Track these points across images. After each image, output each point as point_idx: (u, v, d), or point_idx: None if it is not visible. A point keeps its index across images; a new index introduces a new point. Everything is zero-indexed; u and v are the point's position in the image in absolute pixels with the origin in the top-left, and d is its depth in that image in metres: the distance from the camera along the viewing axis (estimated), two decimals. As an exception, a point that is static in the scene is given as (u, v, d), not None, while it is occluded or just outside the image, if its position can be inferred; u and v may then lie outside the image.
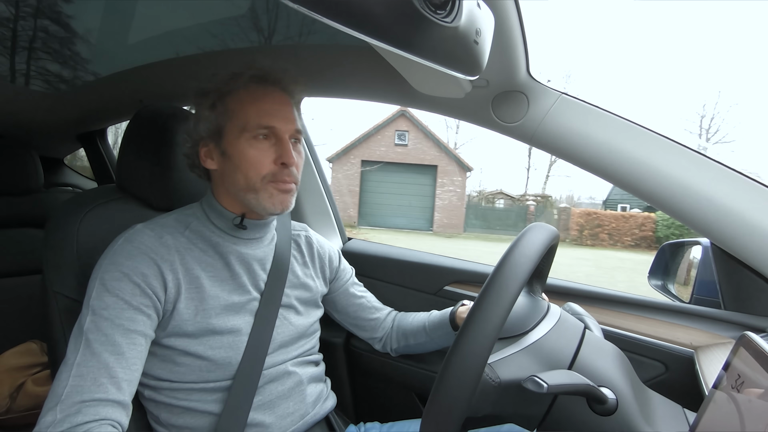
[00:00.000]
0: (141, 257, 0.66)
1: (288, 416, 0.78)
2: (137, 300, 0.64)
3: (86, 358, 0.59)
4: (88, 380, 0.58)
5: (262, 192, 0.71)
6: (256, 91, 0.72)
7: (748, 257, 0.73)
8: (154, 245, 0.68)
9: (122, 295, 0.63)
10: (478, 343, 0.48)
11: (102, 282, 0.64)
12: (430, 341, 0.96)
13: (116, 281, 0.64)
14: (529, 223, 0.74)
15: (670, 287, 1.20)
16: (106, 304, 0.62)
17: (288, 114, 0.73)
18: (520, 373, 0.58)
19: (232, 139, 0.70)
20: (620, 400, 0.56)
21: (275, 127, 0.71)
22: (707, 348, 0.87)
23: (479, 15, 0.41)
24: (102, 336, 0.60)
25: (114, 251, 0.67)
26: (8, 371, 1.24)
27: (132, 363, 0.62)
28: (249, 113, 0.70)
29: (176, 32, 1.10)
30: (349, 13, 0.30)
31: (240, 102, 0.71)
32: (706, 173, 0.74)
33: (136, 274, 0.65)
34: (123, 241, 0.68)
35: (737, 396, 0.43)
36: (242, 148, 0.70)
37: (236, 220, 0.75)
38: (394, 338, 1.00)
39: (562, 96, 0.82)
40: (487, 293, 0.51)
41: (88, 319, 0.61)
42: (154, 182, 0.82)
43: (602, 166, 0.80)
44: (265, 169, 0.70)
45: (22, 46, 1.22)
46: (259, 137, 0.70)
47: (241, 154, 0.70)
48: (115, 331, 0.61)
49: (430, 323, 0.95)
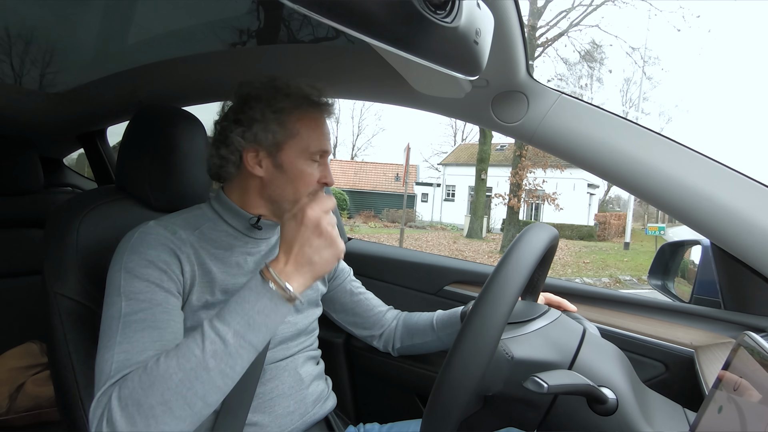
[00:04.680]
0: (161, 247, 0.67)
1: (288, 415, 0.78)
2: (166, 284, 0.65)
3: (128, 337, 0.59)
4: (134, 353, 0.58)
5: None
6: (315, 116, 0.77)
7: (748, 257, 0.73)
8: (171, 238, 0.69)
9: (152, 279, 0.64)
10: (480, 341, 0.48)
11: (128, 270, 0.64)
12: (437, 340, 0.95)
13: (143, 268, 0.64)
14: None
15: (670, 287, 1.20)
16: (139, 288, 0.63)
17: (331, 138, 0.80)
18: (532, 352, 0.60)
19: (293, 156, 0.75)
20: (620, 400, 0.56)
21: (327, 152, 0.78)
22: (707, 348, 0.87)
23: (479, 15, 0.41)
24: (142, 315, 0.61)
25: (133, 243, 0.67)
26: (8, 372, 1.24)
27: (175, 337, 0.62)
28: (312, 138, 0.76)
29: (176, 32, 1.10)
30: (349, 14, 0.30)
31: (305, 125, 0.75)
32: (706, 173, 0.74)
33: (160, 261, 0.66)
34: (140, 234, 0.68)
35: (737, 396, 0.43)
36: (301, 166, 0.75)
37: (252, 220, 0.77)
38: (397, 337, 1.00)
39: (562, 96, 0.82)
40: (489, 291, 0.51)
41: (123, 305, 0.61)
42: (153, 182, 0.82)
43: (602, 165, 0.80)
44: (311, 187, 0.76)
45: (22, 46, 1.22)
46: (314, 159, 0.76)
47: (299, 172, 0.75)
48: (155, 311, 0.62)
49: (439, 321, 0.95)
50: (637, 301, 1.00)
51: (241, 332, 0.56)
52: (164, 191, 0.83)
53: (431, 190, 22.57)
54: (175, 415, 0.53)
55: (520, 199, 11.70)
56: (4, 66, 1.29)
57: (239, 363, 0.56)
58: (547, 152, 0.88)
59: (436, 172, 23.36)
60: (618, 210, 24.50)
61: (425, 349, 0.99)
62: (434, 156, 26.19)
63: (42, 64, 1.30)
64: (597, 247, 13.32)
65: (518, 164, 11.59)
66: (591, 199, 19.78)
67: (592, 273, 8.96)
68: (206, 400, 0.55)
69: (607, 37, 32.40)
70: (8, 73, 1.33)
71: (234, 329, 0.56)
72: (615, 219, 17.38)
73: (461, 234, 14.26)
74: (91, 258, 0.76)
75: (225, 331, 0.56)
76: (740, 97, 42.40)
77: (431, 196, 22.48)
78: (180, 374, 0.54)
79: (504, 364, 0.59)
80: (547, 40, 12.63)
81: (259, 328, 0.57)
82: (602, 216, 17.73)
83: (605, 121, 0.79)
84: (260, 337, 0.57)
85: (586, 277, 8.53)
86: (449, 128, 29.29)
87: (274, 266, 0.59)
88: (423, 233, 14.53)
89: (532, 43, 11.81)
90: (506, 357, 0.59)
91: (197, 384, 0.54)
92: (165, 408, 0.52)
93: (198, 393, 0.54)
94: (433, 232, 15.08)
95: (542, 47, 12.53)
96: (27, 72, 1.33)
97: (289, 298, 0.58)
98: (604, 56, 13.62)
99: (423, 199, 22.71)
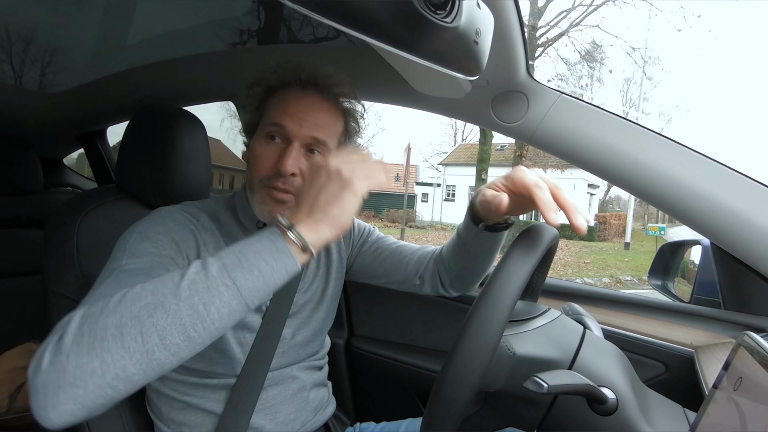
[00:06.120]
0: (183, 225, 0.65)
1: (289, 423, 0.76)
2: (174, 255, 0.61)
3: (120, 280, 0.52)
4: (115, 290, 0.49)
5: (256, 194, 0.69)
6: (292, 92, 0.69)
7: (748, 257, 0.73)
8: (193, 221, 0.67)
9: (161, 244, 0.60)
10: (481, 340, 0.48)
11: (140, 232, 0.60)
12: (469, 254, 0.79)
13: (157, 233, 0.61)
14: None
15: (670, 287, 1.20)
16: (145, 247, 0.58)
17: (313, 120, 0.68)
18: (534, 350, 0.59)
19: (255, 136, 0.70)
20: (620, 400, 0.56)
21: (285, 127, 0.66)
22: (707, 348, 0.87)
23: (479, 15, 0.41)
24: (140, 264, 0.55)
25: (152, 217, 0.64)
26: (8, 372, 1.24)
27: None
28: (270, 111, 0.69)
29: (176, 32, 1.10)
30: (349, 14, 0.30)
31: (271, 101, 0.70)
32: (706, 173, 0.74)
33: (175, 234, 0.63)
34: (159, 211, 0.66)
35: (737, 396, 0.43)
36: (254, 144, 0.69)
37: (260, 223, 0.74)
38: (443, 274, 0.85)
39: (562, 96, 0.82)
40: (490, 290, 0.51)
41: (124, 259, 0.56)
42: (153, 182, 0.82)
43: (602, 165, 0.80)
44: (263, 171, 0.68)
45: (22, 46, 1.22)
46: (270, 137, 0.68)
47: (251, 151, 0.70)
48: (153, 263, 0.56)
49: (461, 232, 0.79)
50: (637, 301, 1.00)
51: (228, 266, 0.46)
52: (164, 191, 0.83)
53: (431, 190, 22.57)
54: (124, 344, 0.42)
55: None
56: (5, 66, 1.29)
57: (215, 304, 0.45)
58: (547, 152, 0.88)
59: (437, 172, 23.37)
60: (618, 210, 24.53)
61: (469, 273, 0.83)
62: (434, 156, 26.20)
63: (42, 64, 1.30)
64: (597, 247, 13.32)
65: (518, 164, 11.60)
66: (591, 199, 19.79)
67: (593, 273, 8.96)
68: (164, 339, 0.43)
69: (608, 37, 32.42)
70: (8, 73, 1.33)
71: (222, 262, 0.47)
72: (615, 219, 17.38)
73: (461, 234, 14.23)
74: (91, 258, 0.76)
75: (212, 262, 0.47)
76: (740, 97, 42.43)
77: (431, 196, 22.48)
78: (150, 298, 0.45)
79: (506, 361, 0.59)
80: (547, 40, 12.64)
81: (251, 269, 0.47)
82: (602, 216, 17.73)
83: (605, 121, 0.79)
84: (249, 280, 0.46)
85: (587, 277, 8.53)
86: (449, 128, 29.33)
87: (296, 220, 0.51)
88: (423, 233, 14.52)
89: (532, 43, 11.82)
90: (508, 353, 0.59)
91: (160, 312, 0.44)
92: (117, 332, 0.43)
93: (158, 324, 0.43)
94: (433, 232, 15.07)
95: (543, 47, 12.53)
96: (27, 72, 1.33)
97: (302, 247, 0.49)
98: (604, 56, 13.63)
99: (423, 199, 22.71)
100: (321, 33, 0.98)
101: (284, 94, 0.70)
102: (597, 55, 13.42)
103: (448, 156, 23.50)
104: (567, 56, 16.11)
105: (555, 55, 14.82)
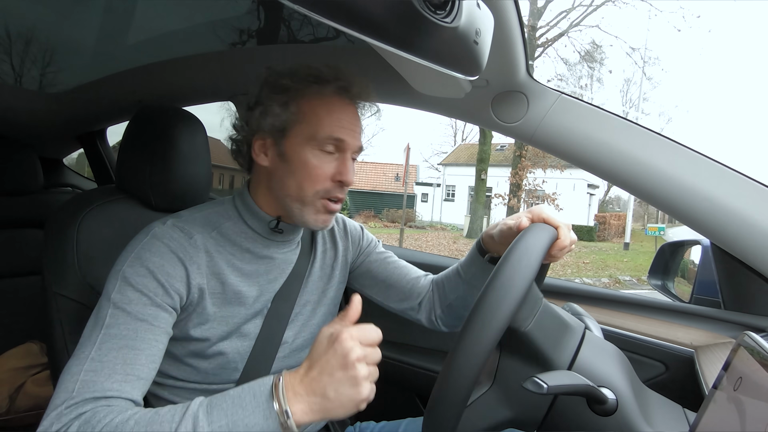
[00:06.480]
0: (169, 255, 0.63)
1: None
2: (161, 298, 0.61)
3: (103, 353, 0.55)
4: (102, 375, 0.54)
5: (309, 206, 0.68)
6: (334, 101, 0.68)
7: (748, 257, 0.73)
8: (184, 245, 0.65)
9: (146, 291, 0.60)
10: (483, 338, 0.48)
11: (124, 277, 0.60)
12: (467, 286, 0.83)
13: (140, 277, 0.60)
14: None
15: (670, 287, 1.20)
16: (129, 299, 0.59)
17: (358, 130, 0.70)
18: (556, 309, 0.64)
19: (296, 144, 0.67)
20: (620, 400, 0.56)
21: (345, 141, 0.67)
22: (707, 348, 0.87)
23: (479, 15, 0.41)
24: (123, 330, 0.57)
25: (142, 246, 0.63)
26: (8, 372, 1.24)
27: (151, 360, 0.58)
28: (323, 122, 0.66)
29: (176, 32, 1.10)
30: (349, 14, 0.30)
31: (315, 108, 0.67)
32: (706, 173, 0.74)
33: (161, 272, 0.61)
34: (151, 237, 0.64)
35: (737, 396, 0.43)
36: (305, 156, 0.66)
37: (272, 224, 0.71)
38: (436, 302, 0.87)
39: (562, 96, 0.82)
40: (491, 289, 0.51)
41: (108, 313, 0.57)
42: (153, 182, 0.82)
43: (602, 165, 0.80)
44: (320, 184, 0.67)
45: (21, 45, 1.22)
46: (326, 149, 0.67)
47: (302, 162, 0.66)
48: (138, 327, 0.58)
49: (463, 265, 0.84)
50: (637, 301, 1.00)
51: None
52: (164, 191, 0.83)
53: (431, 190, 22.57)
54: None
55: (519, 200, 11.71)
56: (4, 66, 1.29)
57: None
58: (547, 152, 0.88)
59: (436, 172, 23.37)
60: (618, 210, 24.53)
61: (462, 306, 0.85)
62: (434, 156, 26.20)
63: (42, 64, 1.30)
64: (597, 248, 13.31)
65: (518, 164, 11.61)
66: (591, 200, 19.79)
67: (592, 273, 8.95)
68: None
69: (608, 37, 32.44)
70: (8, 73, 1.33)
71: (212, 429, 0.48)
72: (615, 219, 17.38)
73: (461, 234, 14.25)
74: (91, 258, 0.76)
75: (203, 427, 0.48)
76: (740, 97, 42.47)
77: (431, 196, 22.48)
78: None
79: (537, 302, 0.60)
80: (547, 40, 12.65)
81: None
82: (602, 216, 17.74)
83: (605, 121, 0.79)
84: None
85: (585, 277, 8.52)
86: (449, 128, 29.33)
87: (289, 379, 0.52)
88: (423, 233, 14.52)
89: (531, 44, 11.81)
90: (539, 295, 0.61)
91: None
92: None
93: None
94: (433, 232, 15.07)
95: (542, 47, 12.54)
96: (27, 72, 1.33)
97: (284, 426, 0.49)
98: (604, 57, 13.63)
99: (423, 199, 22.71)
100: (321, 33, 0.98)
101: (329, 102, 0.68)
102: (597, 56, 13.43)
103: (448, 156, 23.50)
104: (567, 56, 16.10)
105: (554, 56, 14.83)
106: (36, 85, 1.40)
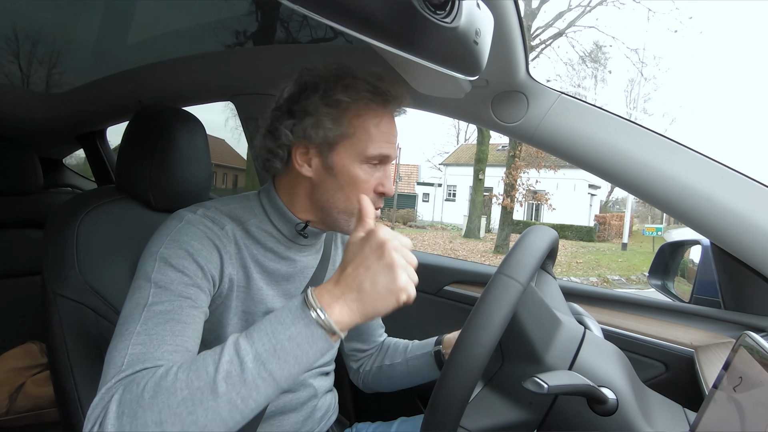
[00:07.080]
0: (206, 241, 0.63)
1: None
2: (200, 281, 0.61)
3: (149, 327, 0.54)
4: (151, 347, 0.52)
5: (355, 216, 0.65)
6: (378, 113, 0.67)
7: (748, 257, 0.73)
8: (218, 233, 0.65)
9: (186, 271, 0.60)
10: (482, 339, 0.48)
11: (163, 257, 0.60)
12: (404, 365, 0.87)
13: (179, 258, 0.60)
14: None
15: (670, 287, 1.20)
16: (171, 278, 0.58)
17: (396, 140, 0.71)
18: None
19: (345, 158, 0.66)
20: (620, 400, 0.56)
21: (389, 156, 0.69)
22: (707, 348, 0.87)
23: (479, 15, 0.42)
24: (168, 306, 0.56)
25: (177, 230, 0.62)
26: (8, 372, 1.24)
27: (197, 335, 0.58)
28: (374, 139, 0.66)
29: (176, 32, 1.10)
30: (349, 14, 0.30)
31: (365, 123, 0.66)
32: (706, 173, 0.74)
33: (199, 255, 0.61)
34: (185, 223, 0.64)
35: (737, 396, 0.43)
36: (355, 171, 0.66)
37: (299, 227, 0.71)
38: (373, 356, 0.92)
39: (562, 96, 0.82)
40: (490, 293, 0.51)
41: (151, 292, 0.57)
42: (153, 182, 0.82)
43: (602, 165, 0.80)
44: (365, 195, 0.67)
45: (21, 46, 1.22)
46: (372, 163, 0.68)
47: (351, 177, 0.66)
48: (182, 303, 0.57)
49: (413, 347, 0.89)
50: (637, 301, 1.00)
51: (263, 357, 0.47)
52: (164, 191, 0.83)
53: (432, 190, 22.57)
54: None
55: (513, 199, 11.69)
56: (8, 66, 1.29)
57: (253, 396, 0.46)
58: (547, 152, 0.88)
59: (438, 172, 23.36)
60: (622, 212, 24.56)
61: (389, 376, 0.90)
62: (437, 156, 26.19)
63: (48, 65, 1.30)
64: (595, 248, 13.31)
65: (512, 165, 11.59)
66: (592, 200, 19.80)
67: (582, 273, 8.88)
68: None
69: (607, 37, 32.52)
70: (11, 73, 1.33)
71: (256, 351, 0.47)
72: (615, 220, 17.39)
73: (460, 234, 14.25)
74: (91, 258, 0.76)
75: (246, 351, 0.47)
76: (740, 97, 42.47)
77: (432, 196, 22.48)
78: (185, 392, 0.46)
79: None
80: (541, 41, 12.60)
81: (286, 359, 0.47)
82: (602, 217, 17.74)
83: (605, 121, 0.79)
84: (285, 370, 0.47)
85: (573, 276, 8.39)
86: (452, 128, 29.31)
87: (324, 286, 0.51)
88: (422, 233, 14.51)
89: (527, 45, 11.73)
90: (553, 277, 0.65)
91: (200, 409, 0.45)
92: (157, 429, 0.45)
93: (198, 421, 0.45)
94: (432, 232, 15.07)
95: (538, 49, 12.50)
96: (29, 72, 1.33)
97: (326, 326, 0.48)
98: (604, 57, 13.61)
99: (424, 199, 22.70)
100: (320, 33, 0.98)
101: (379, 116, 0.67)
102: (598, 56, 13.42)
103: (450, 156, 23.50)
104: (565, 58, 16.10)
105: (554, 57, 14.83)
106: (36, 86, 1.40)
